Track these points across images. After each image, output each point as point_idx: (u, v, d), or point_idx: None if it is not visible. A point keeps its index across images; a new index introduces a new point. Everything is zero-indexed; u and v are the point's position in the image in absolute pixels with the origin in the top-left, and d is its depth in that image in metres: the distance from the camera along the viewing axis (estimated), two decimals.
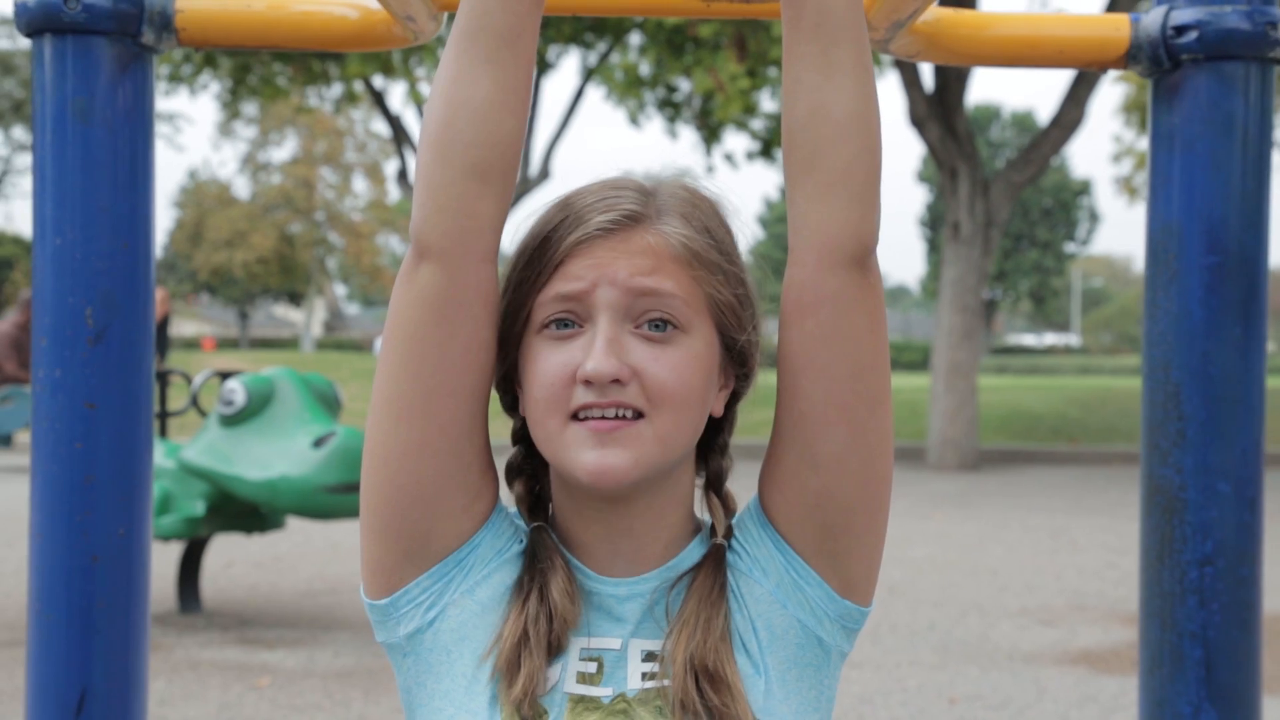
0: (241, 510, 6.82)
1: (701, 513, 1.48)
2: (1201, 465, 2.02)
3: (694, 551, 1.44)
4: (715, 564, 1.42)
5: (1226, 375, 2.03)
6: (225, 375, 7.02)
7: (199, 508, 6.67)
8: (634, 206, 1.38)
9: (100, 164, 1.98)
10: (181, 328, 58.67)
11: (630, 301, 1.35)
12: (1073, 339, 71.34)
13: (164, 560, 8.12)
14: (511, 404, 1.46)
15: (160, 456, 6.79)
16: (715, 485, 1.47)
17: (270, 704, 5.54)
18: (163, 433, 8.30)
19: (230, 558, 8.77)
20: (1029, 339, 74.01)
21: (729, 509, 1.46)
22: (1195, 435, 2.03)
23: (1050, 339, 72.31)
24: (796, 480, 1.40)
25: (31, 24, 1.98)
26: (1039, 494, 13.53)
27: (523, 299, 1.39)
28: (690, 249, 1.38)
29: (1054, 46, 2.09)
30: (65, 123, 1.98)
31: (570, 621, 1.39)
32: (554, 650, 1.38)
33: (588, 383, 1.33)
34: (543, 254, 1.38)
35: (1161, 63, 2.04)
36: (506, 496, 1.49)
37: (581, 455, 1.34)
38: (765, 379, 1.48)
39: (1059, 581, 8.54)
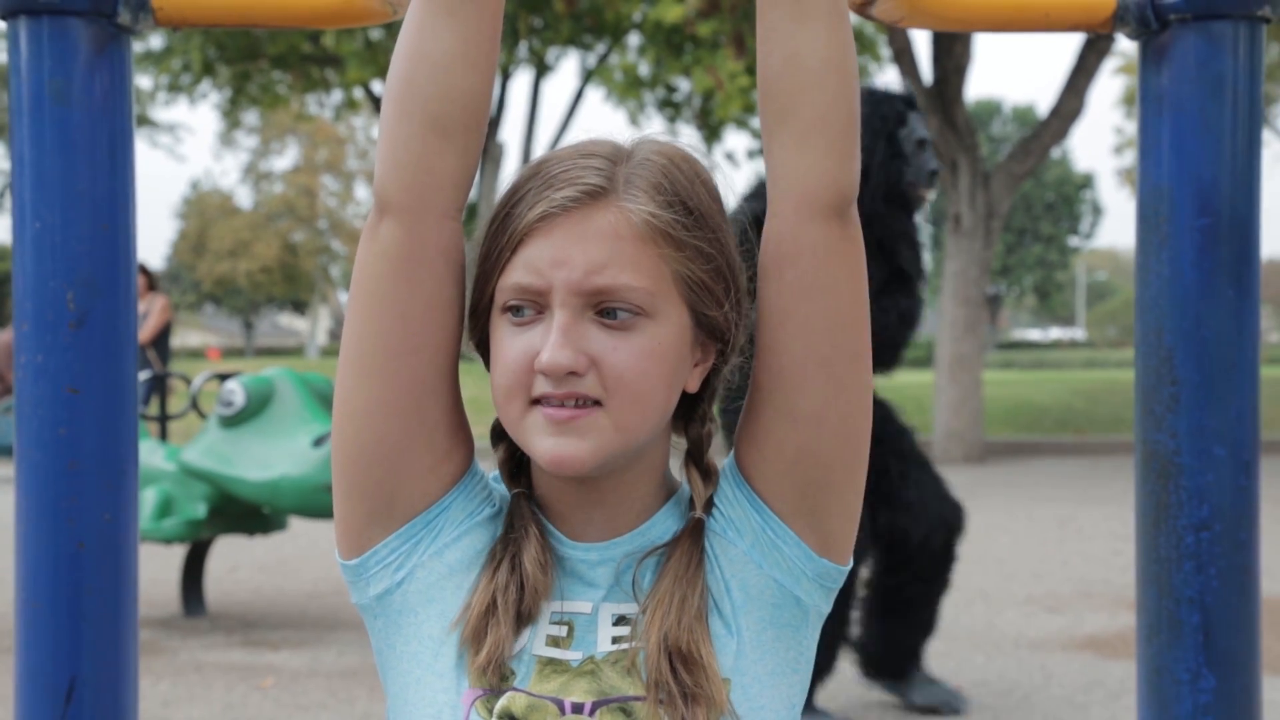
0: (243, 511, 6.80)
1: (679, 475, 1.45)
2: (1196, 429, 2.00)
3: (665, 517, 1.42)
4: (692, 539, 1.39)
5: (1220, 338, 2.00)
6: (224, 377, 7.01)
7: (201, 510, 6.65)
8: (596, 181, 1.34)
9: (79, 147, 1.96)
10: (186, 338, 58.74)
11: (586, 296, 1.32)
12: (1078, 333, 71.14)
13: (168, 564, 8.10)
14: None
15: (161, 459, 6.77)
16: (695, 456, 1.44)
17: (274, 703, 5.52)
18: (163, 436, 8.28)
19: (235, 561, 8.76)
20: (1034, 334, 73.82)
21: (710, 480, 1.43)
22: (1189, 399, 2.01)
23: (1055, 333, 72.11)
24: (774, 436, 1.38)
25: (6, 6, 1.96)
26: (1045, 485, 13.49)
27: (488, 274, 1.36)
28: (654, 226, 1.33)
29: (1040, 10, 2.07)
30: (42, 106, 1.95)
31: (542, 591, 1.37)
32: (524, 619, 1.37)
33: (542, 373, 1.31)
34: (505, 227, 1.35)
35: (1149, 24, 2.02)
36: (489, 460, 1.47)
37: (540, 442, 1.33)
38: None
39: (1065, 569, 8.51)
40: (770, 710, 1.39)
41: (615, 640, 1.37)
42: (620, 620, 1.38)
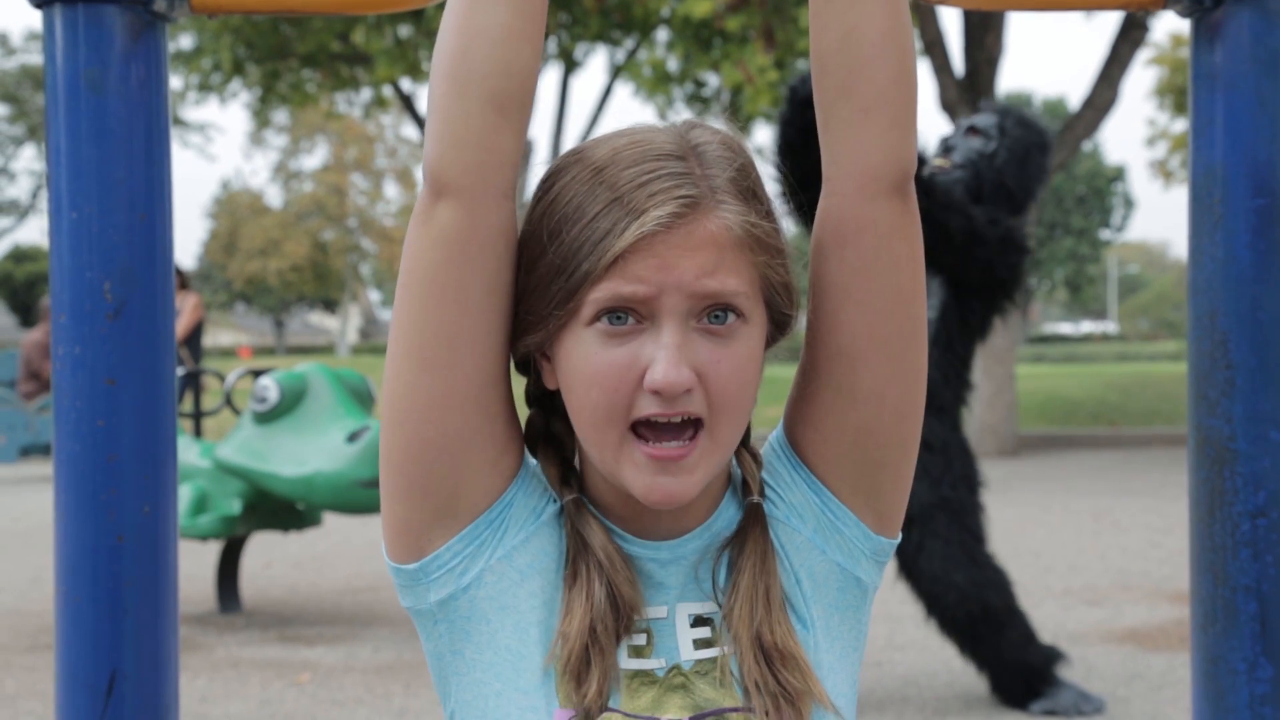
0: (278, 507, 6.80)
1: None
2: (1252, 414, 1.96)
3: (728, 505, 1.39)
4: (761, 527, 1.36)
5: (1276, 320, 1.96)
6: (258, 373, 7.01)
7: (235, 506, 6.66)
8: (690, 191, 1.27)
9: (115, 135, 1.94)
10: (218, 337, 58.97)
11: (695, 300, 1.27)
12: (1110, 326, 70.84)
13: (203, 561, 8.11)
14: (523, 367, 1.40)
15: (195, 456, 6.77)
16: (745, 439, 1.41)
17: (311, 699, 5.51)
18: (197, 433, 8.29)
19: (269, 558, 8.77)
20: (1066, 327, 73.51)
21: (757, 461, 1.41)
22: (1245, 383, 1.96)
23: (1087, 327, 71.81)
24: (833, 416, 1.36)
25: None
26: (1080, 477, 13.41)
27: (573, 289, 1.28)
28: (753, 234, 1.30)
29: None
30: (78, 95, 1.93)
31: (637, 608, 1.33)
32: (619, 640, 1.32)
33: (655, 391, 1.26)
34: (594, 243, 1.27)
35: (1202, 0, 1.98)
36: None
37: (640, 478, 1.29)
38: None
39: (1103, 562, 8.45)
40: (842, 696, 1.37)
41: (697, 643, 1.34)
42: (698, 621, 1.35)
